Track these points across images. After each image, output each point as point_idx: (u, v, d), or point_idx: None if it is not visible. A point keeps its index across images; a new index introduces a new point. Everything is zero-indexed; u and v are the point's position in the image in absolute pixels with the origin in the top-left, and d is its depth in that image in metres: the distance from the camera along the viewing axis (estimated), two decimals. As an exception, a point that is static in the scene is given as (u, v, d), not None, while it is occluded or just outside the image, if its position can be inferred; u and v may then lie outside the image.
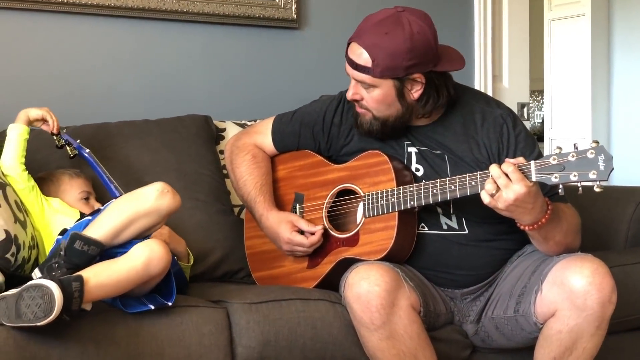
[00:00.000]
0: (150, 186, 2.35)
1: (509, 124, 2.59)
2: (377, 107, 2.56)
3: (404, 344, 2.37)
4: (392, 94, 2.52)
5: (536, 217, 2.33)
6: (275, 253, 2.78)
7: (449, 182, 2.41)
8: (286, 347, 2.44)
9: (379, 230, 2.54)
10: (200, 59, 3.52)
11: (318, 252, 2.67)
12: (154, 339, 2.29)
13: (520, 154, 2.49)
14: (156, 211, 2.32)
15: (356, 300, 2.37)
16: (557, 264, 2.39)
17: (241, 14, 3.55)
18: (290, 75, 3.68)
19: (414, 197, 2.48)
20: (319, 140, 2.78)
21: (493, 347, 2.62)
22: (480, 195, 2.30)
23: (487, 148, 2.57)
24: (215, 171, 3.13)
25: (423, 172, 2.59)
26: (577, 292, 2.32)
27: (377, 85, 2.51)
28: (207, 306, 2.43)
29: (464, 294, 2.61)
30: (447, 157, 2.59)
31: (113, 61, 3.36)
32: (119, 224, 2.30)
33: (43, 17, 3.22)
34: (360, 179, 2.63)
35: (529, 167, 2.26)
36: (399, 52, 2.46)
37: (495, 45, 4.29)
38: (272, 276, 2.79)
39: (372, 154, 2.62)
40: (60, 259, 2.26)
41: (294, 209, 2.78)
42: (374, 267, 2.40)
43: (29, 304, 2.08)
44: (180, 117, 3.22)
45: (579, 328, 2.33)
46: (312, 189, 2.75)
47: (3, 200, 2.52)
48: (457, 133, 2.61)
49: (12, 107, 3.13)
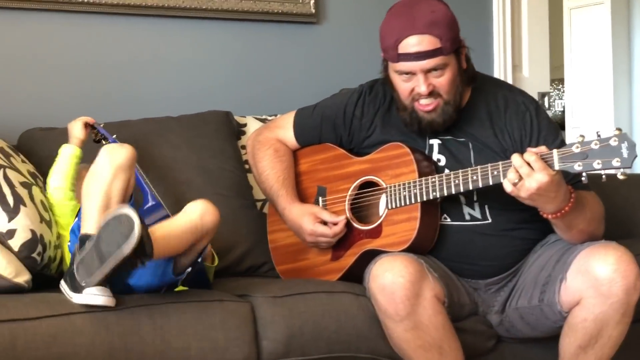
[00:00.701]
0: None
1: (532, 111, 2.59)
2: (449, 89, 2.52)
3: (429, 334, 2.38)
4: (457, 67, 2.53)
5: (559, 205, 2.33)
6: (299, 246, 2.79)
7: (471, 172, 2.42)
8: (311, 340, 2.45)
9: (401, 222, 2.54)
10: (220, 55, 3.53)
11: (341, 245, 2.68)
12: (180, 333, 2.31)
13: (543, 141, 2.49)
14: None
15: (380, 292, 2.38)
16: (581, 252, 2.39)
17: (260, 9, 3.56)
18: (309, 70, 3.69)
19: (436, 188, 2.48)
20: (340, 133, 2.79)
21: (518, 337, 2.62)
22: (503, 185, 2.31)
23: (510, 135, 2.57)
24: (237, 166, 3.14)
25: (445, 162, 2.59)
26: (601, 279, 2.31)
27: (449, 63, 2.50)
28: (232, 300, 2.44)
29: (487, 285, 2.61)
30: (471, 145, 2.59)
31: (134, 59, 3.38)
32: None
33: (65, 17, 3.24)
34: (383, 171, 2.63)
35: (551, 156, 2.27)
36: (452, 21, 2.51)
37: (514, 35, 4.27)
38: (295, 269, 2.80)
39: (394, 146, 2.63)
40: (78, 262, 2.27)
41: (316, 202, 2.79)
42: (398, 258, 2.40)
43: (108, 240, 2.13)
44: (202, 114, 3.23)
45: (604, 316, 2.33)
46: (335, 181, 2.76)
47: (29, 200, 2.54)
48: (482, 119, 2.61)
49: (35, 106, 3.18)
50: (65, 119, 3.01)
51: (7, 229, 2.47)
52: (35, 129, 3.01)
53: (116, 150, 2.40)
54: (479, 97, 2.63)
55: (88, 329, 2.21)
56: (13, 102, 3.15)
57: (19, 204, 2.51)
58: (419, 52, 2.46)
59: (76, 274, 2.24)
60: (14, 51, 3.17)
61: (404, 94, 2.55)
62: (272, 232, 2.91)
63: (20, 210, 2.50)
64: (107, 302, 2.23)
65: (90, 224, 2.32)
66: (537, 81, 4.42)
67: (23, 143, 2.96)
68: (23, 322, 2.16)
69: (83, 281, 2.22)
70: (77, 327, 2.20)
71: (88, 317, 2.22)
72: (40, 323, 2.18)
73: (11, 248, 2.46)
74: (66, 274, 2.32)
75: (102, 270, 2.16)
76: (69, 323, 2.20)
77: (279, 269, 2.87)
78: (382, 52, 2.59)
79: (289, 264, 2.83)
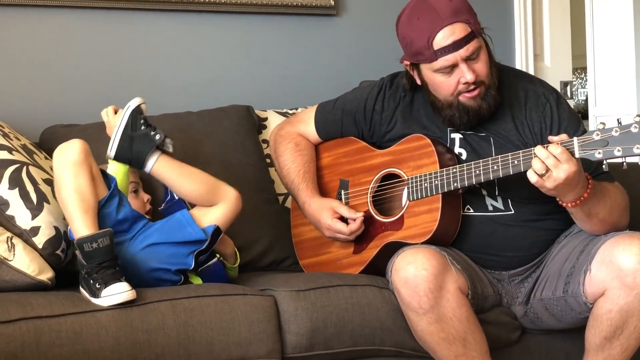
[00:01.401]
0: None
1: (552, 103, 2.57)
2: (487, 72, 2.50)
3: (453, 327, 2.37)
4: (487, 48, 2.53)
5: (579, 193, 2.33)
6: (322, 240, 2.79)
7: (492, 162, 2.41)
8: (335, 333, 2.45)
9: (423, 213, 2.54)
10: (240, 49, 3.53)
11: (364, 237, 2.67)
12: (203, 327, 2.31)
13: (563, 132, 2.46)
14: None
15: (404, 285, 2.37)
16: (605, 243, 2.37)
17: (279, 2, 3.55)
18: (329, 63, 3.68)
19: (457, 179, 2.47)
20: (361, 127, 2.78)
21: (543, 328, 2.61)
22: (527, 175, 2.29)
23: (530, 128, 2.56)
24: (259, 161, 3.14)
25: (466, 156, 2.58)
26: (626, 270, 2.30)
27: (481, 45, 2.49)
28: (255, 294, 2.45)
29: (511, 276, 2.60)
30: (492, 140, 2.58)
31: (154, 55, 3.38)
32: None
33: (84, 14, 3.25)
34: (404, 163, 2.63)
35: (572, 144, 2.26)
36: (469, 5, 2.50)
37: (535, 24, 4.24)
38: (318, 263, 2.80)
39: (415, 137, 2.62)
40: (87, 269, 2.29)
41: (339, 195, 2.78)
42: (421, 250, 2.40)
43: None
44: (223, 108, 3.23)
45: (629, 307, 2.31)
46: (357, 174, 2.76)
47: (52, 197, 2.55)
48: (503, 113, 2.59)
49: (57, 103, 3.19)
50: (86, 116, 3.03)
51: (31, 226, 2.48)
52: (57, 125, 3.02)
53: (64, 149, 2.41)
54: (500, 90, 2.59)
55: (112, 325, 2.22)
56: (35, 100, 3.17)
57: (42, 201, 2.52)
58: (455, 41, 2.43)
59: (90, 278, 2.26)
60: (35, 48, 3.18)
61: (449, 90, 2.50)
62: (296, 226, 2.91)
63: (44, 207, 2.52)
64: (128, 297, 2.25)
65: (80, 227, 2.33)
66: (559, 70, 4.40)
67: (45, 140, 2.97)
68: (47, 319, 2.18)
69: (97, 283, 2.24)
70: (101, 324, 2.21)
71: (112, 314, 2.23)
72: (64, 320, 2.19)
73: (35, 245, 2.47)
74: (81, 280, 2.33)
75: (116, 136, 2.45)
76: (93, 320, 2.21)
77: (302, 263, 2.87)
78: (409, 59, 2.55)
79: (312, 257, 2.83)
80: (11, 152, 2.59)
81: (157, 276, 2.44)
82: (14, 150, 2.61)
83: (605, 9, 5.82)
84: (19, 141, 2.72)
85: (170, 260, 2.46)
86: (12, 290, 2.37)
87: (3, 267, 2.38)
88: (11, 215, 2.49)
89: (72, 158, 2.37)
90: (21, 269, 2.40)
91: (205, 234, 2.49)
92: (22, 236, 2.48)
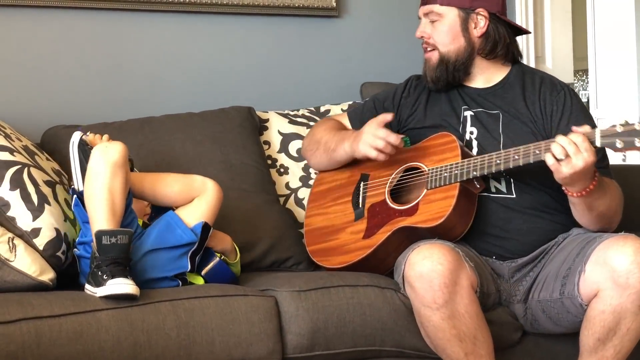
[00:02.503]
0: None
1: (567, 93, 2.68)
2: (442, 40, 2.71)
3: (465, 324, 2.37)
4: (457, 24, 2.70)
5: (586, 183, 2.38)
6: (332, 228, 2.79)
7: (514, 152, 2.46)
8: (336, 333, 2.44)
9: (438, 200, 2.55)
10: (242, 50, 3.53)
11: (376, 223, 2.67)
12: (204, 328, 2.31)
13: (574, 121, 2.55)
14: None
15: (418, 279, 2.37)
16: (600, 244, 2.39)
17: (281, 4, 3.55)
18: (331, 64, 3.68)
19: (477, 167, 2.51)
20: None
21: (541, 332, 2.61)
22: (545, 158, 2.36)
23: (542, 108, 2.65)
24: (260, 161, 3.14)
25: (477, 133, 2.67)
26: (619, 271, 2.30)
27: (444, 14, 2.70)
28: (255, 295, 2.44)
29: (510, 270, 2.60)
30: (501, 116, 2.66)
31: (156, 55, 3.38)
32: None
33: (87, 15, 3.25)
34: (428, 157, 2.66)
35: (593, 133, 2.33)
36: None
37: (537, 26, 4.24)
38: (326, 248, 2.79)
39: (442, 135, 2.67)
40: (97, 261, 2.29)
41: (357, 187, 2.79)
42: (436, 246, 2.40)
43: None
44: (224, 109, 3.23)
45: (622, 308, 2.31)
46: (379, 169, 2.77)
47: (53, 199, 2.55)
48: (516, 93, 2.70)
49: (58, 104, 3.19)
50: (88, 116, 3.03)
51: (32, 227, 2.48)
52: (59, 126, 3.02)
53: (109, 149, 2.41)
54: (516, 75, 2.75)
55: (113, 325, 2.22)
56: (36, 100, 3.17)
57: (44, 203, 2.52)
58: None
59: (98, 270, 2.26)
60: (36, 49, 3.19)
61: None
62: (310, 216, 2.90)
63: (45, 208, 2.51)
64: (132, 290, 2.25)
65: (102, 221, 2.34)
66: (561, 72, 4.38)
67: (47, 141, 2.98)
68: (48, 319, 2.18)
69: (105, 275, 2.24)
70: (101, 324, 2.21)
71: (112, 314, 2.23)
72: (65, 320, 2.19)
73: (36, 246, 2.47)
74: (88, 276, 2.33)
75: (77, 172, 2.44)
76: (93, 320, 2.21)
77: (310, 249, 2.85)
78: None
79: (321, 243, 2.82)
80: (13, 154, 2.59)
81: (155, 286, 2.44)
82: (15, 151, 2.61)
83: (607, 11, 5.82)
84: (21, 142, 2.72)
85: (168, 267, 2.47)
86: (14, 290, 2.37)
87: (4, 267, 2.38)
88: (12, 217, 2.49)
89: (113, 158, 2.39)
90: (22, 270, 2.40)
91: (195, 234, 2.49)
92: (23, 237, 2.47)
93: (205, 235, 2.52)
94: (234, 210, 2.90)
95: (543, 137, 2.60)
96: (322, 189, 2.91)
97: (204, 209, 2.54)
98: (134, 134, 2.97)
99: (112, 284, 2.24)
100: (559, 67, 4.39)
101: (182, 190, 2.56)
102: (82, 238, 2.47)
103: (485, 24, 2.70)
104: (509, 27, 2.77)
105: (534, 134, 2.63)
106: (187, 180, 2.59)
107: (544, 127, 2.64)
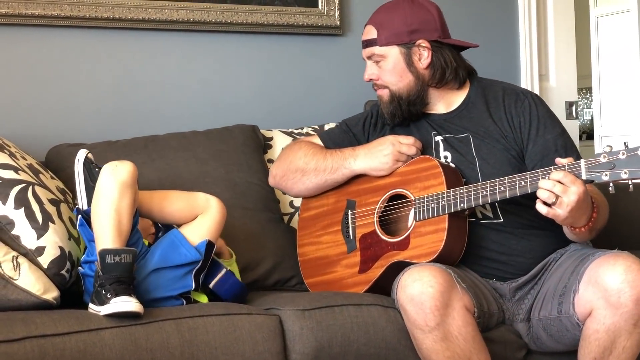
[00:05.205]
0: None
1: (531, 101, 2.66)
2: (391, 80, 2.71)
3: (459, 346, 2.36)
4: (401, 61, 2.69)
5: (588, 213, 2.36)
6: (327, 259, 2.79)
7: (499, 183, 2.43)
8: (340, 352, 2.44)
9: (429, 234, 2.54)
10: (246, 69, 3.54)
11: (369, 257, 2.68)
12: (208, 347, 2.31)
13: (543, 128, 2.57)
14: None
15: (410, 302, 2.37)
16: (592, 262, 2.38)
17: (285, 22, 3.56)
18: (335, 82, 3.68)
19: (464, 199, 2.48)
20: (359, 139, 2.85)
21: (544, 350, 2.60)
22: (537, 208, 2.33)
23: (509, 121, 2.64)
24: (264, 180, 3.14)
25: (451, 157, 2.66)
26: (610, 290, 2.29)
27: (386, 54, 2.70)
28: (259, 313, 2.44)
29: (512, 290, 2.60)
30: (471, 139, 2.65)
31: (160, 74, 3.39)
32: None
33: (91, 33, 3.26)
34: (411, 184, 2.64)
35: (578, 166, 2.29)
36: (399, 18, 2.67)
37: (540, 44, 4.24)
38: (324, 282, 2.80)
39: (423, 159, 2.64)
40: (101, 280, 2.29)
41: (345, 215, 2.79)
42: (427, 268, 2.40)
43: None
44: (228, 128, 3.23)
45: (616, 327, 2.30)
46: (364, 195, 2.76)
47: (57, 217, 2.56)
48: (480, 111, 2.69)
49: (63, 122, 3.20)
50: (92, 134, 3.04)
51: (37, 245, 2.48)
52: (63, 144, 3.02)
53: (119, 168, 2.41)
54: (477, 93, 2.73)
55: (116, 343, 2.21)
56: (41, 118, 3.18)
57: (48, 221, 2.52)
58: (363, 41, 2.76)
59: (102, 289, 2.26)
60: (40, 67, 3.20)
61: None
62: (302, 245, 2.91)
63: (49, 227, 2.52)
64: (136, 308, 2.24)
65: (107, 240, 2.33)
66: (565, 90, 4.39)
67: (51, 159, 2.98)
68: (52, 338, 2.17)
69: (108, 293, 2.24)
70: (105, 342, 2.21)
71: (116, 332, 2.23)
72: (69, 338, 2.19)
73: (40, 265, 2.47)
74: (92, 295, 2.33)
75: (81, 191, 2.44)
76: (97, 338, 2.21)
77: (308, 282, 2.86)
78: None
79: (318, 276, 2.83)
80: (17, 172, 2.60)
81: (159, 305, 2.43)
82: (20, 170, 2.62)
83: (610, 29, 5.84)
84: (25, 160, 2.72)
85: (172, 286, 2.46)
86: (18, 309, 2.37)
87: (9, 286, 2.38)
88: (16, 235, 2.49)
89: (122, 178, 2.38)
90: (26, 288, 2.40)
91: (199, 252, 2.49)
92: (27, 256, 2.48)
93: (209, 253, 2.51)
94: (237, 229, 2.90)
95: (516, 151, 2.61)
96: (311, 214, 2.89)
97: (207, 227, 2.54)
98: (138, 153, 2.97)
99: (115, 302, 2.23)
100: (563, 85, 4.38)
101: (185, 208, 2.56)
102: (87, 257, 2.47)
103: (428, 55, 2.67)
104: (453, 48, 2.73)
105: (507, 149, 2.62)
106: (191, 197, 2.58)
107: (514, 140, 2.63)
